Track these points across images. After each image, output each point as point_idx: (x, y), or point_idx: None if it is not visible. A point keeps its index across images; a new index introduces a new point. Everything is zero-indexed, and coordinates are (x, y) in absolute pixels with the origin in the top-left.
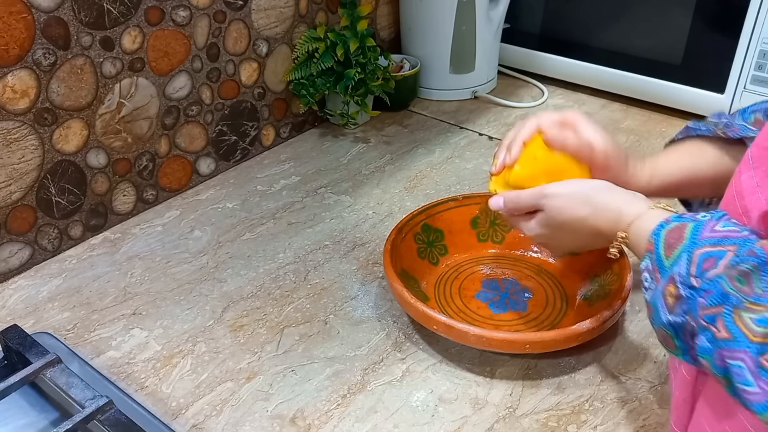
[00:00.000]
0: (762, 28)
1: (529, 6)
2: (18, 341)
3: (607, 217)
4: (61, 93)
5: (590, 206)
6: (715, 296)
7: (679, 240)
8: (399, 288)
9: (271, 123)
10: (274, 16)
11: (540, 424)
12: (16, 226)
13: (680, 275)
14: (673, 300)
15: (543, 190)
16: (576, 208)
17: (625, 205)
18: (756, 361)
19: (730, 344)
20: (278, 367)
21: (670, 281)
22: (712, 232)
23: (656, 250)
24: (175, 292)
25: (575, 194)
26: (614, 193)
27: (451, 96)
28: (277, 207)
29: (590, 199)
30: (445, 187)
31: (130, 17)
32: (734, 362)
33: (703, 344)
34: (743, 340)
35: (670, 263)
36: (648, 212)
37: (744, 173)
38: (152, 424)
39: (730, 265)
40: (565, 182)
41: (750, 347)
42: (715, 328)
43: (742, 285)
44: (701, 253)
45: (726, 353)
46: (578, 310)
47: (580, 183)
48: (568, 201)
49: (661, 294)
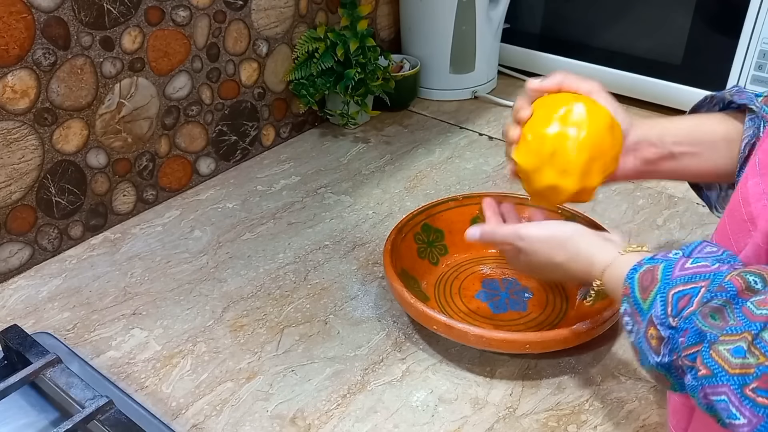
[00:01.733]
0: (762, 28)
1: (529, 6)
2: (18, 341)
3: (580, 264)
4: (61, 93)
5: (564, 253)
6: (692, 335)
7: (652, 282)
8: (399, 288)
9: (271, 123)
10: (274, 16)
11: (540, 424)
12: (16, 226)
13: (658, 317)
14: (656, 342)
15: (518, 232)
16: (551, 253)
17: (598, 252)
18: (738, 393)
19: (710, 380)
20: (278, 367)
21: (650, 324)
22: (682, 270)
23: (632, 293)
24: (175, 292)
25: (550, 239)
26: (588, 239)
27: (451, 96)
28: (277, 207)
29: (564, 245)
30: (445, 187)
31: (130, 17)
32: (718, 398)
33: (690, 383)
34: (722, 374)
35: (647, 306)
36: (618, 259)
37: (751, 179)
38: (152, 424)
39: (703, 302)
40: (541, 225)
41: (730, 380)
42: (697, 366)
43: (716, 321)
44: (675, 292)
45: (709, 390)
46: (578, 310)
47: (555, 227)
48: (542, 245)
49: (644, 338)
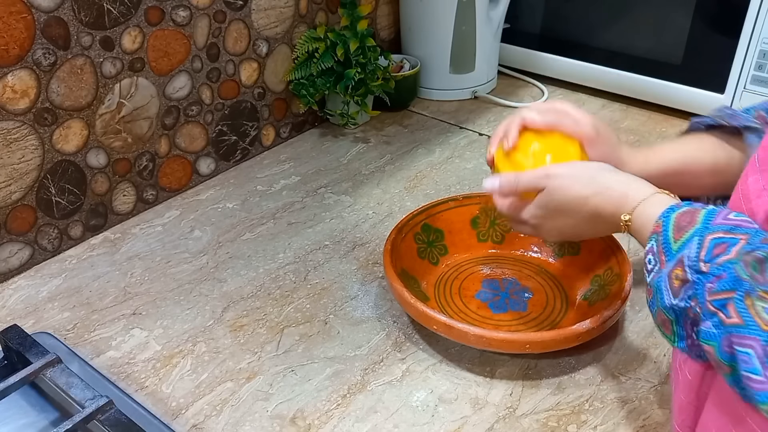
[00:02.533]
0: (762, 28)
1: (529, 6)
2: (18, 341)
3: (611, 198)
4: (61, 93)
5: (594, 186)
6: (727, 281)
7: (690, 224)
8: (399, 288)
9: (271, 123)
10: (274, 16)
11: (540, 424)
12: (16, 226)
13: (689, 258)
14: (679, 283)
15: (547, 170)
16: (579, 187)
17: (631, 186)
18: (766, 350)
19: (740, 330)
20: (278, 367)
21: (677, 264)
22: (725, 219)
23: (665, 232)
24: (175, 292)
25: (579, 174)
26: (619, 174)
27: (451, 96)
28: (277, 207)
29: (594, 179)
30: (445, 187)
31: (130, 17)
32: (743, 349)
33: (708, 330)
34: (755, 327)
35: (678, 246)
36: (655, 196)
37: (750, 176)
38: (152, 424)
39: (744, 251)
40: (569, 163)
41: (762, 335)
42: (724, 313)
43: (756, 272)
44: (713, 238)
45: (735, 339)
46: (578, 310)
47: (584, 163)
48: (572, 180)
49: (667, 277)
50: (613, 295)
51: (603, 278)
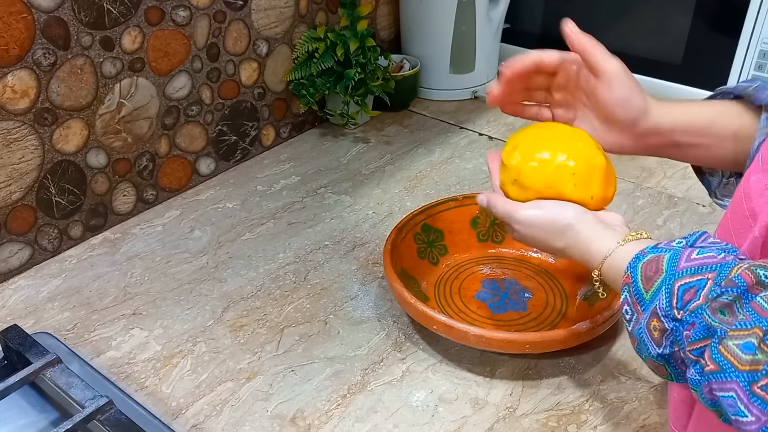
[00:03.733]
0: (762, 28)
1: (529, 6)
2: (18, 341)
3: (579, 252)
4: (61, 93)
5: (563, 240)
6: (700, 330)
7: (657, 273)
8: (399, 288)
9: (271, 123)
10: (274, 16)
11: (540, 424)
12: (16, 226)
13: (662, 309)
14: (658, 334)
15: (514, 215)
16: (548, 238)
17: (597, 241)
18: (747, 390)
19: (718, 375)
20: (278, 367)
21: (653, 316)
22: (688, 261)
23: (635, 283)
24: (175, 292)
25: (548, 226)
26: (587, 227)
27: (451, 96)
28: (277, 207)
29: (563, 233)
30: (445, 187)
31: (130, 17)
32: (725, 394)
33: (693, 377)
34: (731, 370)
35: (650, 297)
36: (618, 249)
37: (753, 175)
38: (152, 424)
39: (711, 297)
40: (541, 208)
41: (739, 377)
42: (704, 360)
43: (726, 316)
44: (681, 284)
45: (715, 386)
46: (578, 310)
47: (555, 211)
48: (539, 231)
49: (646, 329)
50: (613, 295)
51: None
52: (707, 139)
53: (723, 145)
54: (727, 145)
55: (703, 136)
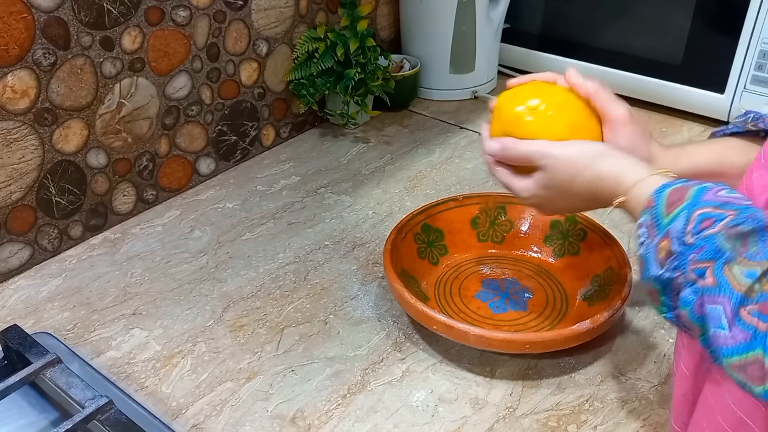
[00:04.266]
0: (762, 28)
1: (529, 6)
2: (18, 341)
3: (606, 183)
4: (61, 93)
5: (591, 171)
6: (708, 251)
7: (680, 200)
8: (399, 288)
9: (271, 123)
10: (274, 16)
11: (540, 424)
12: (16, 226)
13: (676, 231)
14: (664, 254)
15: (546, 149)
16: (576, 171)
17: (629, 169)
18: (734, 309)
19: (712, 290)
20: (278, 367)
21: (665, 236)
22: (715, 195)
23: (656, 206)
24: (175, 292)
25: (578, 157)
26: (617, 158)
27: (451, 96)
28: (277, 207)
29: (592, 165)
30: (445, 187)
31: (130, 17)
32: (713, 306)
33: (686, 296)
34: (727, 287)
35: (668, 220)
36: (650, 177)
37: (755, 172)
38: (152, 424)
39: (729, 225)
40: (569, 143)
41: (732, 295)
42: (702, 279)
43: (738, 245)
44: (701, 212)
45: (707, 299)
46: (578, 310)
47: (583, 146)
48: (569, 164)
49: (654, 248)
50: (613, 295)
51: (603, 278)
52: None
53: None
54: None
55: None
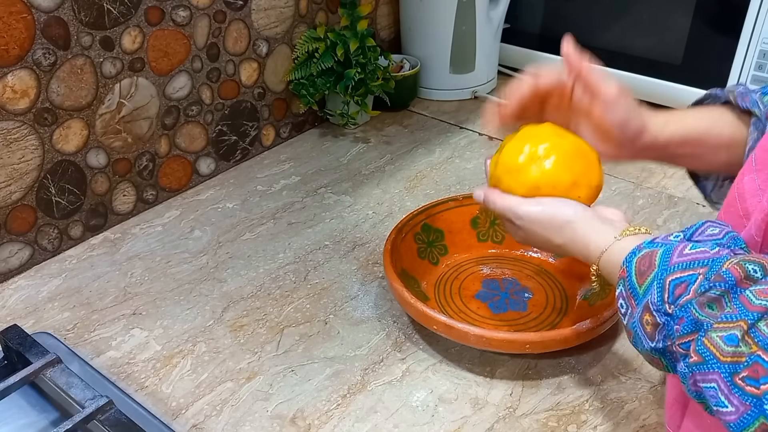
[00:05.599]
0: (762, 28)
1: (529, 6)
2: (18, 341)
3: (577, 248)
4: (61, 93)
5: (561, 236)
6: (687, 324)
7: (649, 268)
8: (399, 288)
9: (271, 123)
10: (274, 16)
11: (540, 424)
12: (16, 226)
13: (654, 304)
14: (651, 328)
15: (516, 210)
16: (548, 235)
17: (595, 237)
18: (728, 381)
19: (701, 367)
20: (278, 367)
21: (645, 310)
22: (680, 256)
23: (629, 277)
24: (175, 292)
25: (548, 222)
26: (586, 223)
27: (451, 96)
28: (277, 207)
29: (562, 229)
30: (445, 187)
31: (130, 17)
32: (707, 385)
33: (681, 370)
34: (713, 361)
35: (642, 291)
36: (615, 245)
37: (747, 175)
38: (152, 424)
39: (700, 291)
40: (541, 204)
41: (721, 368)
42: (689, 353)
43: (713, 310)
44: (672, 279)
45: (699, 377)
46: (578, 310)
47: (555, 208)
48: (539, 227)
49: (639, 323)
50: (613, 295)
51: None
52: (702, 148)
53: (717, 152)
54: (721, 153)
55: (697, 146)
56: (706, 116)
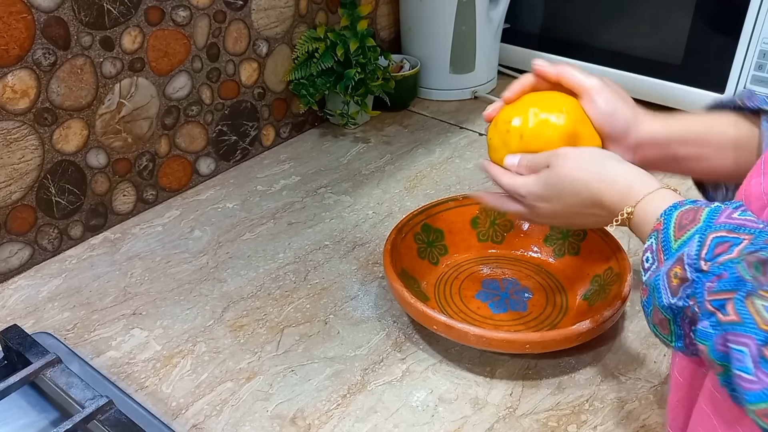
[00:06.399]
0: (762, 28)
1: (529, 6)
2: (18, 341)
3: (615, 187)
4: (61, 93)
5: (602, 172)
6: (728, 281)
7: (693, 222)
8: (399, 288)
9: (271, 123)
10: (274, 16)
11: (540, 424)
12: (16, 226)
13: (689, 257)
14: (677, 282)
15: (552, 158)
16: (586, 170)
17: (637, 179)
18: (760, 349)
19: (737, 328)
20: (278, 367)
21: (677, 262)
22: (728, 218)
23: (665, 229)
24: (175, 292)
25: (588, 158)
26: (627, 165)
27: (451, 96)
28: (277, 207)
29: (603, 166)
30: (445, 187)
31: (130, 17)
32: (737, 347)
33: (704, 329)
34: (752, 325)
35: (678, 245)
36: (660, 191)
37: (753, 178)
38: (152, 424)
39: (747, 251)
40: (580, 147)
41: (758, 334)
42: (722, 312)
43: (759, 273)
44: (715, 236)
45: (730, 337)
46: (578, 310)
47: (595, 149)
48: (579, 162)
49: (665, 275)
50: (613, 295)
51: (603, 278)
52: (706, 149)
53: (723, 155)
54: (728, 155)
55: (701, 146)
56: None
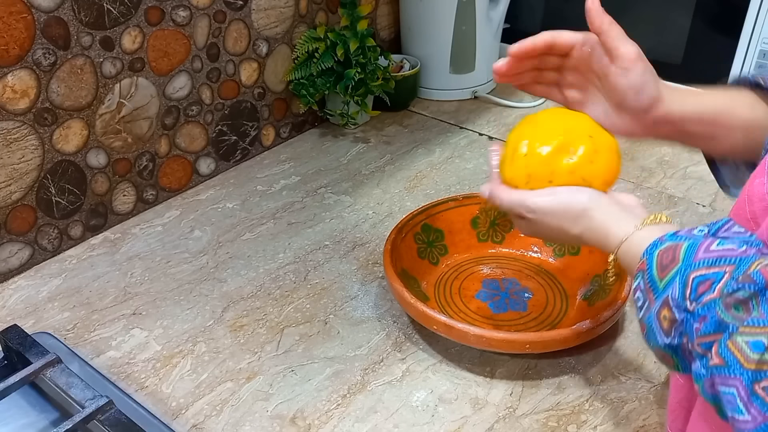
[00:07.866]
0: (762, 28)
1: (529, 6)
2: (18, 341)
3: (595, 236)
4: (61, 93)
5: (578, 226)
6: (710, 324)
7: (672, 262)
8: (399, 288)
9: (271, 123)
10: (274, 16)
11: (540, 424)
12: (16, 226)
13: (674, 299)
14: (668, 324)
15: (526, 202)
16: (563, 225)
17: (615, 225)
18: (748, 388)
19: (722, 371)
20: (278, 367)
21: (664, 304)
22: (706, 252)
23: (649, 270)
24: (175, 292)
25: (562, 212)
26: (604, 210)
27: (451, 96)
28: (277, 207)
29: (578, 219)
30: (445, 187)
31: (130, 17)
32: (726, 389)
33: (698, 370)
34: (736, 366)
35: (663, 285)
36: (635, 234)
37: (757, 178)
38: (152, 424)
39: (726, 292)
40: (553, 194)
41: (743, 374)
42: (710, 354)
43: (740, 312)
44: (696, 275)
45: (718, 380)
46: (578, 310)
47: (568, 197)
48: (553, 219)
49: (656, 317)
50: (613, 295)
51: (603, 278)
52: (717, 129)
53: (733, 134)
54: (737, 135)
55: (713, 126)
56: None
